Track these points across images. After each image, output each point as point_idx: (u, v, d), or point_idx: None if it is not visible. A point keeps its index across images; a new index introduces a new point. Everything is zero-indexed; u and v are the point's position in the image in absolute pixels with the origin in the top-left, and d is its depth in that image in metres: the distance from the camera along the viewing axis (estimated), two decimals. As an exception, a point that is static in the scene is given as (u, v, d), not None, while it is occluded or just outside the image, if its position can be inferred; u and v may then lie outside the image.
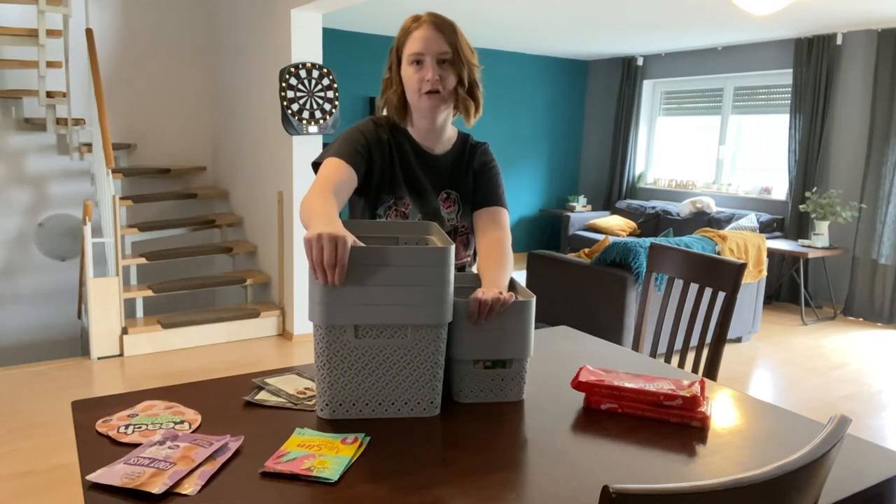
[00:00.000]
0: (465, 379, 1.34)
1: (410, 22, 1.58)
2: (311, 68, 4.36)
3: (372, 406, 1.26)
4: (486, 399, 1.36)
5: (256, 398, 1.32)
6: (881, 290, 5.58)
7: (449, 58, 1.55)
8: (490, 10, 5.43)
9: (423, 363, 1.26)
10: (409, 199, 1.65)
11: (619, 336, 4.03)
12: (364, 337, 1.23)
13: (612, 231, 7.11)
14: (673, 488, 0.65)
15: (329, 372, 1.23)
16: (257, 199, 5.07)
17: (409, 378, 1.26)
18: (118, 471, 1.03)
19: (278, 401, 1.31)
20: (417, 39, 1.54)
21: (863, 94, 5.75)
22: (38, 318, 5.23)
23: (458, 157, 1.73)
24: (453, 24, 1.58)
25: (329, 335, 1.21)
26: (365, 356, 1.23)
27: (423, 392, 1.27)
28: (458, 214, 1.72)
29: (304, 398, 1.34)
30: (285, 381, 1.42)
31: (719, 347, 1.93)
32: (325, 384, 1.24)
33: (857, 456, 1.17)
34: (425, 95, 1.56)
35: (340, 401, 1.25)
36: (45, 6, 4.37)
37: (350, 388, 1.24)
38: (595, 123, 8.38)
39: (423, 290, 1.21)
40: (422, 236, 1.52)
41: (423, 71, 1.55)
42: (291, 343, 4.61)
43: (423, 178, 1.68)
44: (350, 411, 1.25)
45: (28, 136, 5.03)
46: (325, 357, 1.22)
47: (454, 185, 1.72)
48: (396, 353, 1.24)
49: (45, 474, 2.77)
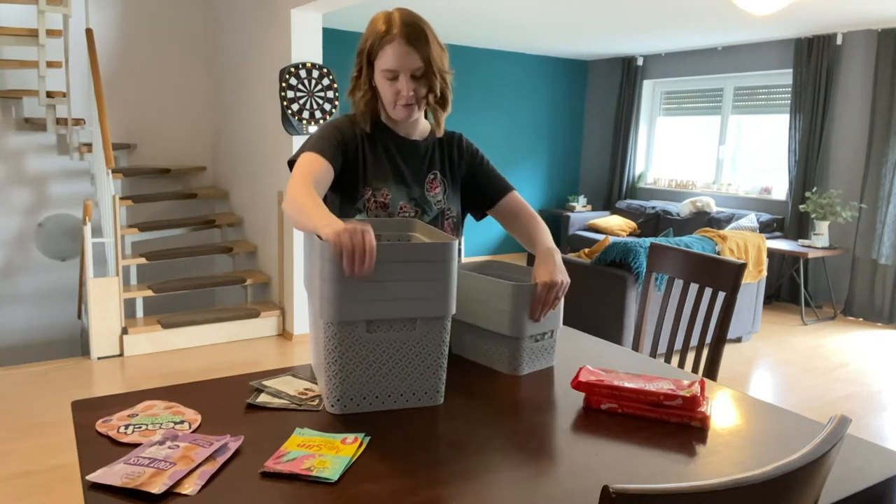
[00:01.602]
0: (524, 353, 1.51)
1: (382, 27, 1.55)
2: (311, 68, 4.36)
3: (382, 398, 1.29)
4: (535, 368, 1.55)
5: (258, 401, 1.32)
6: (881, 290, 5.58)
7: (422, 72, 1.57)
8: (490, 10, 5.42)
9: (430, 354, 1.31)
10: (388, 189, 1.65)
11: (619, 336, 4.03)
12: (375, 331, 1.26)
13: (612, 231, 7.11)
14: (673, 488, 0.65)
15: (341, 368, 1.25)
16: (257, 199, 5.07)
17: (417, 369, 1.31)
18: (118, 471, 1.03)
19: (281, 402, 1.32)
20: (391, 56, 1.54)
21: (863, 94, 5.75)
22: (38, 318, 5.23)
23: (439, 143, 1.75)
24: (425, 32, 1.56)
25: (342, 331, 1.23)
26: (376, 350, 1.27)
27: (430, 382, 1.32)
28: (445, 196, 1.73)
29: (307, 398, 1.34)
30: (282, 382, 1.42)
31: (719, 347, 1.93)
32: (337, 380, 1.26)
33: (857, 456, 1.17)
34: (399, 107, 1.60)
35: (351, 395, 1.27)
36: (45, 6, 4.37)
37: (361, 383, 1.27)
38: (595, 123, 8.38)
39: (431, 284, 1.26)
40: (405, 233, 1.56)
41: (397, 85, 1.57)
42: (291, 343, 4.61)
43: (405, 166, 1.69)
44: (361, 405, 1.28)
45: (28, 136, 5.03)
46: (337, 353, 1.25)
47: (437, 166, 1.73)
48: (406, 346, 1.29)
49: (45, 474, 2.77)
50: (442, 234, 1.41)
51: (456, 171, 1.76)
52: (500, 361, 1.54)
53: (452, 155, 1.77)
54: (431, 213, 1.69)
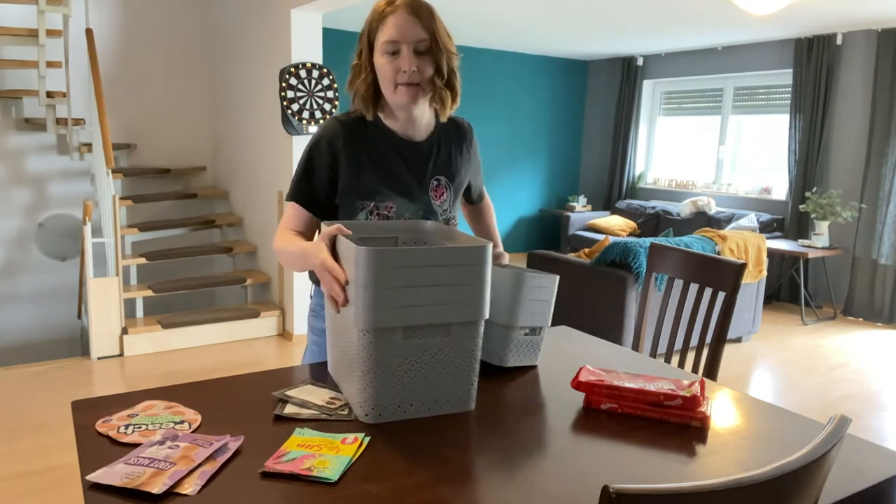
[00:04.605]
0: (512, 344, 1.52)
1: (384, 5, 1.44)
2: (311, 68, 4.36)
3: (416, 406, 1.27)
4: (520, 363, 1.56)
5: (286, 412, 1.27)
6: (881, 290, 5.58)
7: (427, 46, 1.43)
8: (490, 10, 5.42)
9: (463, 359, 1.28)
10: (391, 201, 1.54)
11: (619, 336, 4.03)
12: (411, 337, 1.23)
13: (612, 231, 7.11)
14: (673, 488, 0.65)
15: (377, 376, 1.22)
16: (257, 199, 5.07)
17: (451, 375, 1.28)
18: (118, 471, 1.03)
19: (311, 413, 1.27)
20: (392, 26, 1.41)
21: (863, 94, 5.75)
22: (38, 318, 5.23)
23: (443, 135, 1.62)
24: (431, 8, 1.45)
25: (378, 339, 1.20)
26: (411, 357, 1.24)
27: (463, 388, 1.30)
28: (450, 204, 1.63)
29: (336, 408, 1.29)
30: (305, 391, 1.37)
31: (719, 347, 1.93)
32: (373, 388, 1.22)
33: (856, 456, 1.17)
34: (402, 87, 1.45)
35: (386, 404, 1.24)
36: (45, 6, 4.37)
37: (397, 391, 1.24)
38: (595, 123, 8.38)
39: (466, 288, 1.24)
40: (420, 234, 1.52)
41: (398, 61, 1.43)
42: (291, 343, 4.61)
43: (407, 172, 1.56)
44: (395, 413, 1.25)
45: (28, 136, 5.03)
46: (374, 361, 1.21)
47: (443, 170, 1.61)
48: (441, 352, 1.26)
49: (45, 474, 2.77)
50: (463, 235, 1.38)
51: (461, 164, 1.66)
52: (486, 351, 1.54)
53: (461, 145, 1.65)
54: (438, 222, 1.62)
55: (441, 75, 1.47)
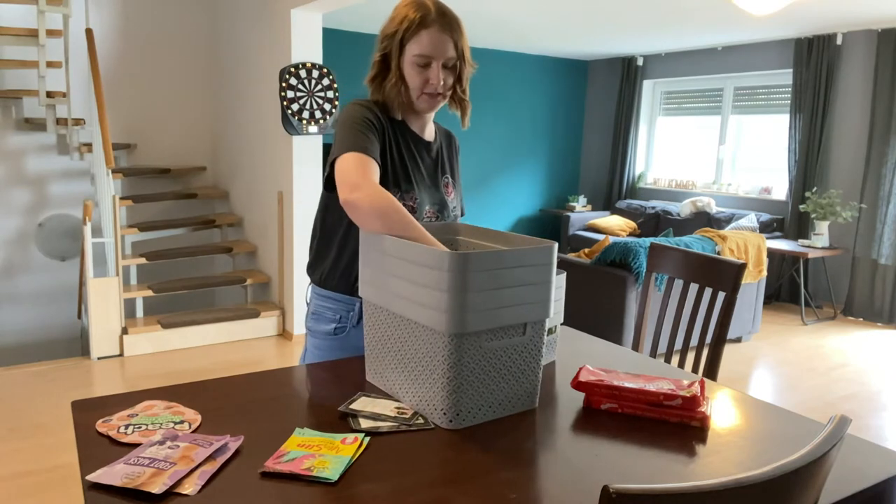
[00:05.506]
0: None
1: (416, 14, 1.49)
2: (311, 68, 4.36)
3: (493, 408, 1.27)
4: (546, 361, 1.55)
5: (365, 427, 1.22)
6: (881, 290, 5.58)
7: (454, 62, 1.53)
8: (490, 10, 5.42)
9: (532, 358, 1.30)
10: (416, 192, 1.59)
11: (619, 336, 4.03)
12: (493, 339, 1.24)
13: (612, 231, 7.11)
14: (673, 488, 0.65)
15: (462, 381, 1.21)
16: (257, 199, 5.07)
17: (523, 374, 1.30)
18: (118, 471, 1.03)
19: (390, 425, 1.23)
20: (427, 42, 1.49)
21: (863, 94, 5.75)
22: (38, 318, 5.23)
23: (442, 140, 1.73)
24: (460, 23, 1.53)
25: (465, 343, 1.20)
26: (492, 359, 1.25)
27: (530, 386, 1.32)
28: (458, 200, 1.73)
29: (409, 417, 1.27)
30: (366, 403, 1.33)
31: (719, 347, 1.93)
32: (458, 394, 1.22)
33: (856, 456, 1.17)
34: (425, 96, 1.55)
35: (469, 408, 1.24)
36: (45, 6, 4.37)
37: (478, 394, 1.25)
38: (595, 123, 8.38)
39: (538, 287, 1.26)
40: (452, 237, 1.55)
41: (428, 73, 1.52)
42: (291, 343, 4.61)
43: (424, 168, 1.64)
44: (476, 416, 1.25)
45: (28, 136, 5.03)
46: (459, 366, 1.20)
47: (448, 170, 1.71)
48: (516, 352, 1.28)
49: (45, 474, 2.77)
50: (507, 235, 1.43)
51: (455, 167, 1.76)
52: None
53: (451, 153, 1.76)
54: (448, 218, 1.67)
55: (462, 88, 1.57)
